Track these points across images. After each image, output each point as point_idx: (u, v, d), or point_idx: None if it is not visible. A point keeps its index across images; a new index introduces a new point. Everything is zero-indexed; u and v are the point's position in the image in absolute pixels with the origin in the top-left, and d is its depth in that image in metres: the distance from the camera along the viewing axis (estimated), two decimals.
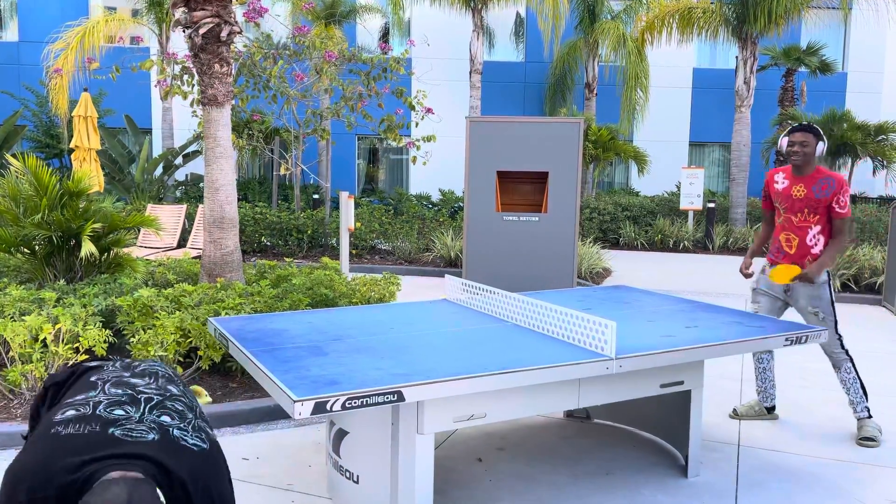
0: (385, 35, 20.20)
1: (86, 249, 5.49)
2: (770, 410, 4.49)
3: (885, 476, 3.67)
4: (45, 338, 4.31)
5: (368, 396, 2.43)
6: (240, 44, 10.34)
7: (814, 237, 4.13)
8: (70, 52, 13.81)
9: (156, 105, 18.90)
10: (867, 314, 8.09)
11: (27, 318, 4.28)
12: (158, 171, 15.22)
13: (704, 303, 4.23)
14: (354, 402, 2.41)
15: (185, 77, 9.09)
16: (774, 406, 4.50)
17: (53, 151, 17.26)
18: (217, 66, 5.64)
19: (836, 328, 4.15)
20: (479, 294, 3.95)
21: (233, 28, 5.64)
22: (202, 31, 5.52)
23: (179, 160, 15.79)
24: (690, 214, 14.46)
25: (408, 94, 10.88)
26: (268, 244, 12.05)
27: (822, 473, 3.69)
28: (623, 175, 20.79)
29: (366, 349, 3.01)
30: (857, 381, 4.19)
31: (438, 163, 18.67)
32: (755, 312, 4.31)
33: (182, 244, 10.47)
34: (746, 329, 3.50)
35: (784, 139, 4.18)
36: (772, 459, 3.86)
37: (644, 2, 17.45)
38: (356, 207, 14.24)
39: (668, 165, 20.07)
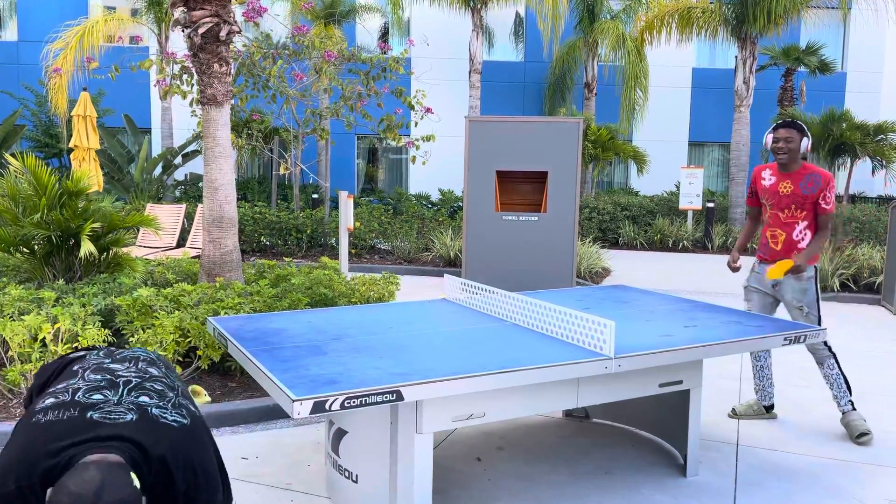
0: (384, 35, 20.20)
1: (85, 249, 5.49)
2: (768, 409, 4.49)
3: (884, 475, 3.68)
4: (45, 337, 4.31)
5: (367, 396, 2.43)
6: (239, 43, 10.34)
7: (800, 232, 4.19)
8: (69, 52, 13.80)
9: (155, 105, 18.89)
10: (866, 314, 8.10)
11: (26, 318, 4.28)
12: (158, 171, 15.22)
13: (703, 302, 4.24)
14: (353, 402, 2.41)
15: (185, 76, 9.09)
16: (773, 405, 4.50)
17: (52, 151, 17.25)
18: (216, 66, 5.64)
19: (819, 324, 4.18)
20: (479, 294, 3.95)
21: (232, 28, 5.63)
22: (201, 31, 5.52)
23: (179, 160, 15.79)
24: (690, 214, 14.46)
25: (407, 94, 10.88)
26: (267, 244, 12.05)
27: (821, 473, 3.69)
28: (622, 175, 20.79)
29: (365, 349, 3.01)
30: (841, 377, 4.24)
31: (438, 162, 18.67)
32: (748, 310, 4.34)
33: (181, 244, 10.47)
34: (745, 328, 3.50)
35: (769, 136, 4.23)
36: (770, 459, 3.86)
37: (643, 1, 17.45)
38: (355, 207, 14.24)
39: (668, 165, 20.07)
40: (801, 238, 4.19)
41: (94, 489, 1.50)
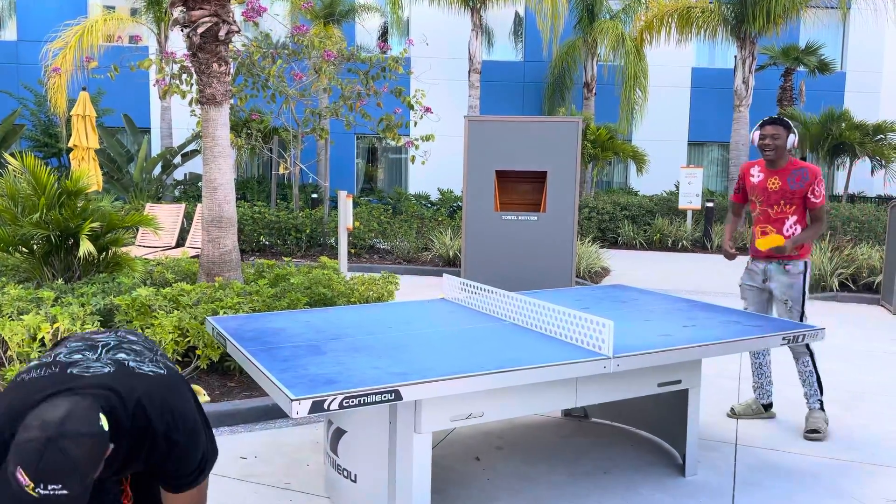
0: (384, 34, 20.20)
1: (84, 248, 5.49)
2: (767, 408, 4.49)
3: (884, 475, 3.68)
4: (44, 337, 4.31)
5: (366, 395, 2.43)
6: (238, 43, 10.34)
7: (790, 227, 4.23)
8: (68, 52, 13.80)
9: (154, 104, 18.89)
10: (865, 313, 8.10)
11: (25, 318, 4.28)
12: (157, 171, 15.22)
13: (702, 302, 4.24)
14: (352, 401, 2.41)
15: (184, 76, 9.09)
16: (771, 403, 4.51)
17: (52, 150, 17.24)
18: (215, 66, 5.64)
19: (801, 320, 4.20)
20: (478, 293, 3.95)
21: (231, 27, 5.63)
22: (200, 31, 5.52)
23: (178, 159, 15.78)
24: (689, 214, 14.47)
25: (406, 94, 10.88)
26: (266, 243, 12.05)
27: (820, 472, 3.70)
28: (622, 174, 20.79)
29: (364, 348, 3.01)
30: (814, 375, 4.27)
31: (437, 162, 18.67)
32: (745, 309, 4.36)
33: (180, 243, 10.47)
34: (744, 328, 3.50)
35: (755, 133, 4.26)
36: (769, 458, 3.86)
37: (643, 1, 17.45)
38: (355, 207, 14.24)
39: (667, 165, 20.07)
40: (792, 233, 4.22)
41: (59, 417, 1.58)
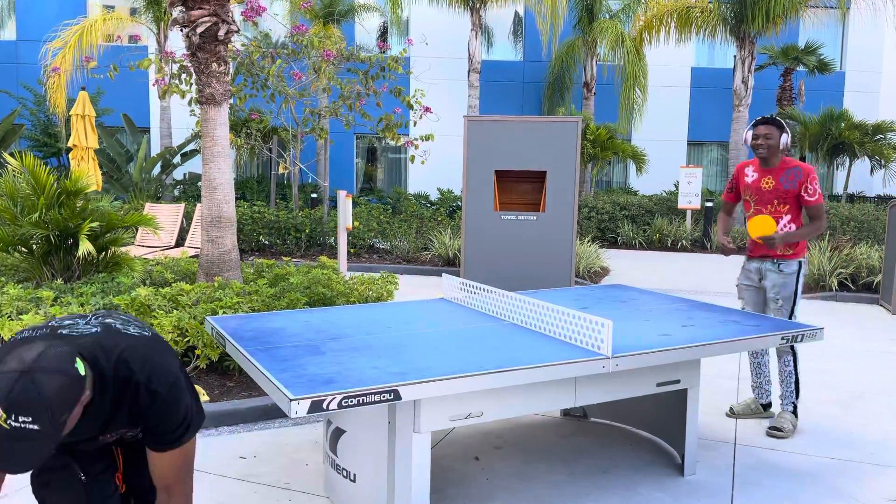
0: (383, 34, 20.20)
1: (83, 248, 5.49)
2: (766, 408, 4.50)
3: (884, 475, 3.68)
4: None
5: (365, 395, 2.43)
6: (238, 42, 10.34)
7: (784, 227, 4.24)
8: (68, 51, 13.80)
9: (154, 104, 18.89)
10: (864, 313, 8.11)
11: (24, 317, 4.28)
12: (156, 170, 15.21)
13: (701, 302, 4.24)
14: (350, 401, 2.41)
15: (183, 76, 9.09)
16: (770, 403, 4.51)
17: (51, 150, 17.24)
18: (214, 65, 5.64)
19: (790, 319, 4.21)
20: (477, 293, 3.95)
21: (230, 27, 5.63)
22: (199, 30, 5.52)
23: (177, 159, 15.78)
24: (688, 213, 14.47)
25: (406, 93, 10.88)
26: (266, 243, 12.05)
27: (819, 472, 3.70)
28: (621, 174, 20.79)
29: (363, 348, 3.01)
30: (794, 376, 4.28)
31: (437, 162, 18.67)
32: (742, 309, 4.37)
33: (180, 243, 10.47)
34: (743, 328, 3.50)
35: (748, 132, 4.27)
36: (768, 458, 3.87)
37: (642, 1, 17.45)
38: (354, 206, 14.24)
39: (667, 164, 20.08)
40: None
41: (36, 354, 1.65)
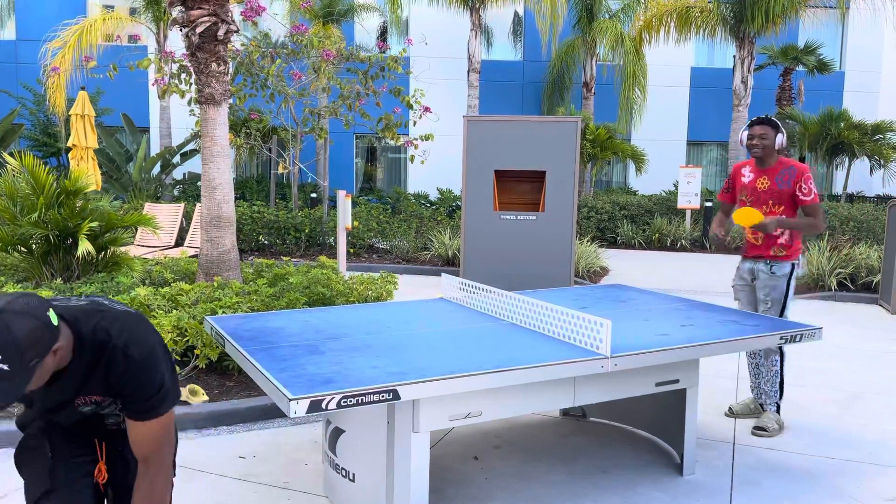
0: (383, 34, 20.20)
1: (83, 248, 5.49)
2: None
3: (883, 475, 3.69)
4: None
5: (364, 395, 2.44)
6: (237, 42, 10.34)
7: None
8: (67, 51, 13.79)
9: (153, 104, 18.88)
10: (863, 313, 8.11)
11: None
12: (156, 170, 15.21)
13: (700, 301, 4.25)
14: (350, 401, 2.41)
15: (183, 76, 9.09)
16: None
17: (51, 150, 17.23)
18: (214, 65, 5.64)
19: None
20: (476, 293, 3.96)
21: (230, 27, 5.64)
22: (199, 30, 5.52)
23: (177, 159, 15.77)
24: (688, 213, 14.47)
25: (406, 93, 10.88)
26: (265, 243, 12.05)
27: (818, 472, 3.70)
28: (621, 174, 20.80)
29: (362, 348, 3.02)
30: (779, 377, 4.29)
31: (436, 162, 18.66)
32: (739, 309, 4.37)
33: (179, 243, 10.47)
34: (742, 328, 3.51)
35: (744, 133, 4.29)
36: (767, 458, 3.87)
37: (642, 1, 17.46)
38: (354, 206, 14.24)
39: (666, 164, 20.08)
40: (781, 233, 4.22)
41: (8, 299, 1.70)
